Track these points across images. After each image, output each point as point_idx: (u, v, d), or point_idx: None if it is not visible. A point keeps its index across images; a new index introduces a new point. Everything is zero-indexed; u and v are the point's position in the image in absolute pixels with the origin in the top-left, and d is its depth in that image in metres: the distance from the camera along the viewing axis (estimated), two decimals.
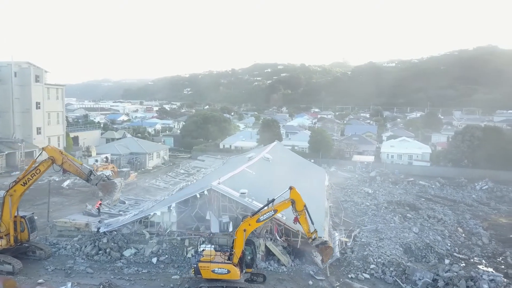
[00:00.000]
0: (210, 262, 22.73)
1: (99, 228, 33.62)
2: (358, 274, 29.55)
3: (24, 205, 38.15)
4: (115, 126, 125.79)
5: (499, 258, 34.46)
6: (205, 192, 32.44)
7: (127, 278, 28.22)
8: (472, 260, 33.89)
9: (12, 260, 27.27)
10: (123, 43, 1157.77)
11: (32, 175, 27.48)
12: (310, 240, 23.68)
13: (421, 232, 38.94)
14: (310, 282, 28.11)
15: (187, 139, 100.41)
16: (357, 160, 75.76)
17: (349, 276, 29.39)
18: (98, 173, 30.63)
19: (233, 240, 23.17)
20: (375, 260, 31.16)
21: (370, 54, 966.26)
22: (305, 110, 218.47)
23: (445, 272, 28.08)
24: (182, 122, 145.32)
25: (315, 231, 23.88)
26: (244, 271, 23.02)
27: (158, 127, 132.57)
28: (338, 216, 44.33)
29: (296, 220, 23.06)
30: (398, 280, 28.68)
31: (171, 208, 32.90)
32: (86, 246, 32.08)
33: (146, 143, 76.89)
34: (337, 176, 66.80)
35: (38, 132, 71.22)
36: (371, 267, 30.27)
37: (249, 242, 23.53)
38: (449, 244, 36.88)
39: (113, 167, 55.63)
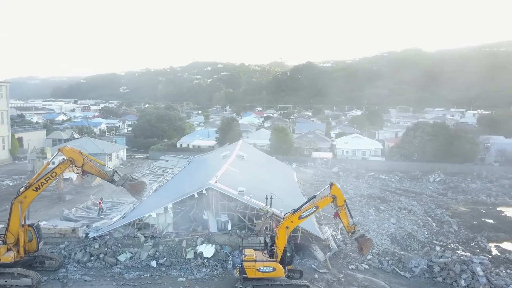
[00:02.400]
0: (255, 261, 22.48)
1: (88, 233, 31.75)
2: (357, 265, 30.69)
3: None
4: (55, 126, 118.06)
5: (472, 243, 37.50)
6: (204, 191, 31.86)
7: (131, 283, 26.95)
8: (450, 246, 36.58)
9: (30, 272, 24.84)
10: (50, 38, 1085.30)
11: (47, 179, 25.01)
12: (350, 233, 24.28)
13: (399, 223, 41.38)
14: (316, 276, 28.73)
15: (140, 138, 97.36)
16: (316, 156, 77.95)
17: (350, 267, 30.40)
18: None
19: (275, 237, 23.09)
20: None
21: (306, 55, 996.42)
22: (250, 109, 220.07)
23: (439, 258, 30.08)
24: (127, 121, 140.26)
25: (354, 225, 24.52)
26: (286, 268, 23.07)
27: (103, 126, 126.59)
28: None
29: (336, 215, 23.57)
30: (396, 269, 30.19)
31: (168, 209, 31.90)
32: (75, 253, 30.08)
33: (103, 143, 73.28)
34: (301, 172, 68.19)
35: None
36: (368, 258, 31.48)
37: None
38: (426, 233, 39.43)
39: None
